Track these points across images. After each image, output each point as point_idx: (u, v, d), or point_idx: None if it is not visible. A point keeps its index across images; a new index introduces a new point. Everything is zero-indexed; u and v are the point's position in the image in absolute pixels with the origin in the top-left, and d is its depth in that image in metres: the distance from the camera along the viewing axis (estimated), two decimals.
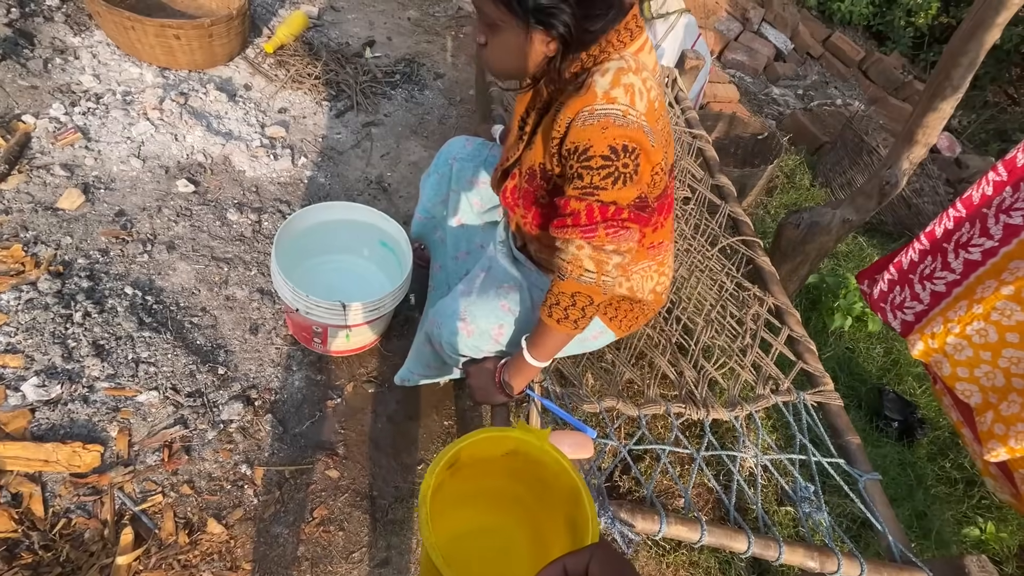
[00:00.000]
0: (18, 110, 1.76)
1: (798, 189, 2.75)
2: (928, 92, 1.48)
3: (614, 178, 0.86)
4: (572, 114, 0.86)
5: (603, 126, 0.84)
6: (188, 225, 1.68)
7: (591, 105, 0.84)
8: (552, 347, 0.99)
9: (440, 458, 0.59)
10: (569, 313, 0.93)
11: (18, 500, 1.13)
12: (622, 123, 0.84)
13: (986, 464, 1.22)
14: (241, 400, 1.39)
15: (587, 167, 0.86)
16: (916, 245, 1.25)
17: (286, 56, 2.36)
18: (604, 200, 0.88)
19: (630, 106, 0.84)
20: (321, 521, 1.29)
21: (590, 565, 0.39)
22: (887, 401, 1.82)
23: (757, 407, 1.23)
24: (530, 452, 0.63)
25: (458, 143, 1.41)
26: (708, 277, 1.53)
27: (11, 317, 1.33)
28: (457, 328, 1.08)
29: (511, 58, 0.88)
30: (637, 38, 0.89)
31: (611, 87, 0.84)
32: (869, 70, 4.43)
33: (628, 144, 0.85)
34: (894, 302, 1.27)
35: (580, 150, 0.86)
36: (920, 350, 1.18)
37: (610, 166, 0.85)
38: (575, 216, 0.89)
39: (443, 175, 1.42)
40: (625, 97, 0.84)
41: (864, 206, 1.69)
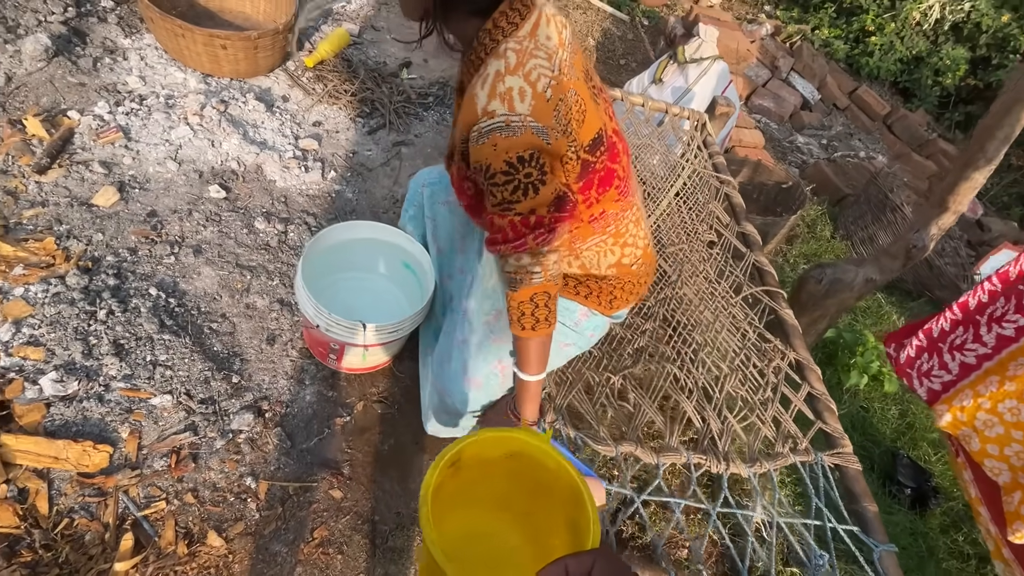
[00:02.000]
0: (64, 105, 1.81)
1: (818, 240, 2.75)
2: (962, 161, 1.49)
3: (523, 189, 0.84)
4: (465, 133, 0.85)
5: (493, 143, 0.82)
6: (216, 230, 1.71)
7: (477, 124, 0.82)
8: (539, 356, 0.96)
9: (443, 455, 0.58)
10: (537, 315, 0.92)
11: (24, 496, 1.12)
12: (508, 134, 0.81)
13: (998, 547, 1.18)
14: (252, 411, 1.39)
15: (494, 184, 0.85)
16: (948, 314, 1.24)
17: (325, 71, 2.41)
18: (522, 212, 0.86)
19: (510, 112, 0.81)
20: (321, 542, 1.27)
21: (593, 570, 0.38)
22: (901, 466, 1.78)
23: (775, 465, 1.21)
24: (532, 454, 0.62)
25: (426, 171, 1.44)
26: (732, 324, 1.52)
27: (37, 309, 1.34)
28: (465, 388, 1.08)
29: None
30: (529, 15, 0.84)
31: (487, 100, 0.81)
32: (894, 125, 4.46)
33: (523, 153, 0.82)
34: (921, 369, 1.25)
35: (482, 168, 0.85)
36: (948, 422, 1.16)
37: (513, 180, 0.84)
38: (502, 233, 0.88)
39: (418, 205, 1.44)
40: (503, 106, 0.81)
41: (889, 267, 1.68)
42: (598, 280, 1.07)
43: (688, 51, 2.45)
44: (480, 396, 1.09)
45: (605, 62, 3.48)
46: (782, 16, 4.93)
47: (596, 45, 3.51)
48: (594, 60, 3.44)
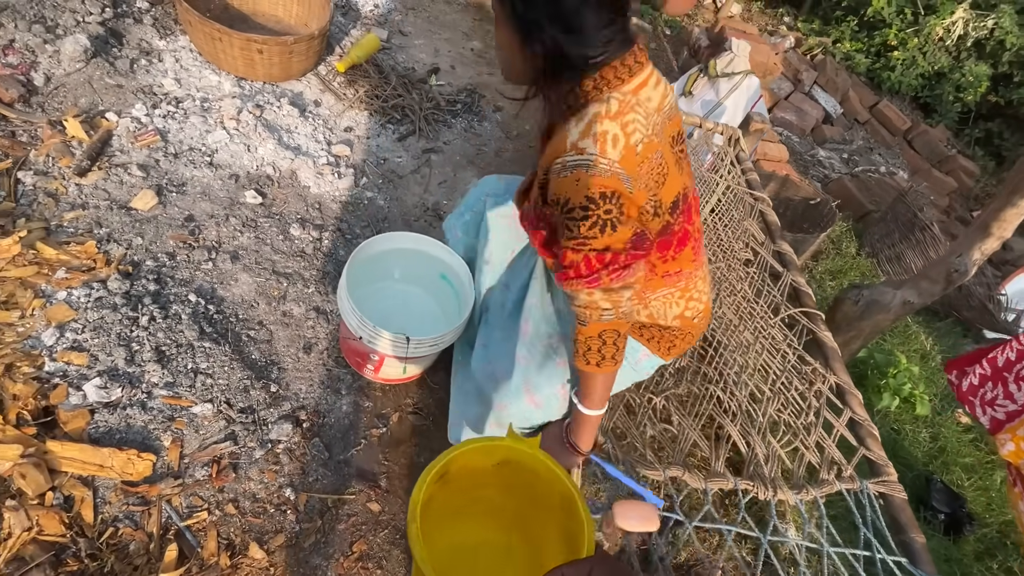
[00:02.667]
0: (102, 107, 1.81)
1: (843, 256, 2.73)
2: (1008, 187, 1.47)
3: (600, 226, 0.85)
4: (548, 164, 0.86)
5: (576, 178, 0.83)
6: (253, 236, 1.70)
7: (562, 156, 0.84)
8: (602, 391, 0.98)
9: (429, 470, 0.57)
10: (604, 352, 0.93)
11: (70, 504, 1.12)
12: (594, 172, 0.82)
13: None
14: (290, 420, 1.38)
15: (572, 219, 0.86)
16: (1015, 344, 1.23)
17: (356, 76, 2.41)
18: (598, 248, 0.87)
19: (600, 155, 0.82)
20: (360, 556, 1.26)
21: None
22: (935, 491, 1.77)
23: (822, 492, 1.20)
24: (522, 460, 0.61)
25: (491, 180, 1.43)
26: (771, 345, 1.51)
27: (79, 314, 1.34)
28: (525, 404, 1.07)
29: (505, 55, 0.89)
30: (637, 74, 0.87)
31: (580, 137, 0.83)
32: (914, 140, 4.44)
33: (605, 191, 0.83)
34: (984, 397, 1.24)
35: (561, 203, 0.86)
36: (1011, 451, 1.15)
37: (592, 216, 0.85)
38: (575, 268, 0.89)
39: (477, 212, 1.43)
40: (594, 146, 0.82)
41: (928, 290, 1.67)
42: (662, 329, 1.10)
43: (720, 65, 2.44)
44: (538, 415, 1.08)
45: None
46: (803, 28, 4.92)
47: None
48: None
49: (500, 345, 1.23)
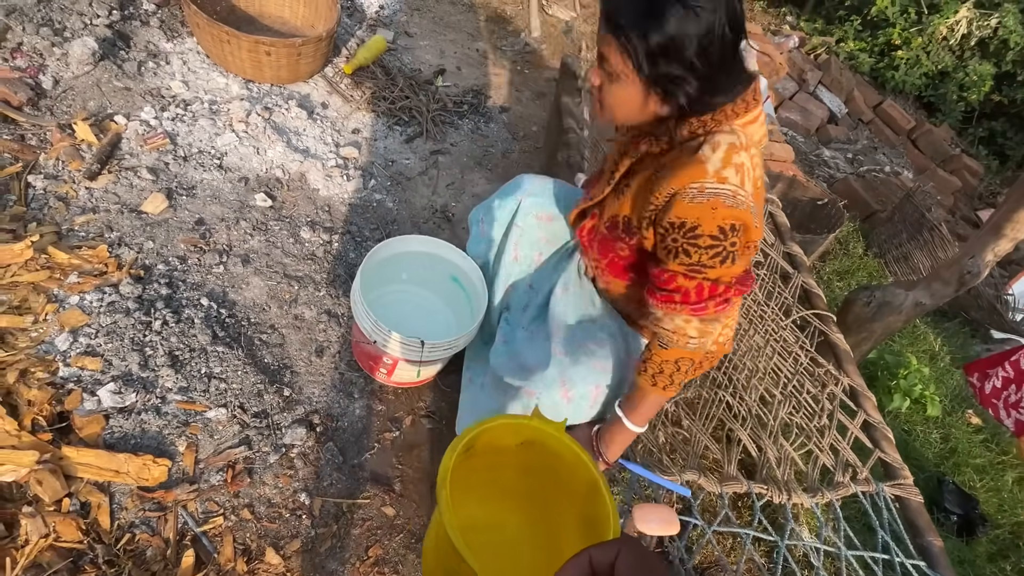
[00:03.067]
0: (111, 110, 1.80)
1: (851, 257, 2.73)
2: (1021, 188, 1.47)
3: (721, 257, 0.87)
4: (678, 186, 0.86)
5: (713, 206, 0.84)
6: (263, 240, 1.70)
7: (700, 182, 0.84)
8: (652, 411, 1.00)
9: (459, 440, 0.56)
10: (675, 378, 0.95)
11: (86, 510, 1.12)
12: (732, 203, 0.84)
13: None
14: (304, 425, 1.38)
15: (694, 245, 0.87)
16: None
17: (363, 77, 2.41)
18: (711, 278, 0.89)
19: (739, 187, 0.85)
20: (376, 561, 1.26)
21: (617, 561, 0.36)
22: (947, 493, 1.77)
23: (838, 495, 1.19)
24: (547, 443, 0.60)
25: (528, 179, 1.42)
26: (783, 348, 1.51)
27: (92, 319, 1.34)
28: (558, 396, 1.06)
29: (624, 109, 0.90)
30: (752, 110, 0.89)
31: (723, 166, 0.84)
32: (918, 140, 4.44)
33: (736, 224, 0.86)
34: (1008, 400, 1.24)
35: (687, 227, 0.87)
36: None
37: (718, 246, 0.86)
38: (684, 294, 0.91)
39: (510, 210, 1.43)
40: (736, 177, 0.84)
41: (940, 292, 1.66)
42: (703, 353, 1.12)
43: None
44: (567, 410, 1.08)
45: None
46: (806, 28, 4.92)
47: None
48: None
49: (525, 344, 1.22)
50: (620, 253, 1.04)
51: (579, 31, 3.48)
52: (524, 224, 1.39)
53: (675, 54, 0.79)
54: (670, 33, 0.77)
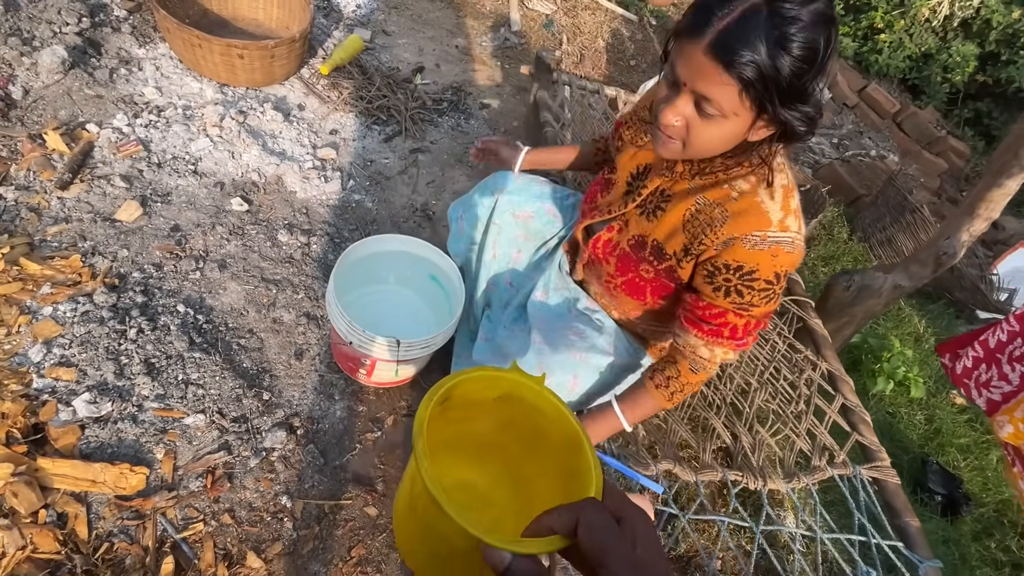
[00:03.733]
0: (82, 118, 1.79)
1: (835, 242, 2.74)
2: (994, 167, 1.47)
3: (769, 298, 0.90)
4: (739, 232, 0.87)
5: (773, 253, 0.86)
6: (240, 244, 1.69)
7: (763, 231, 0.85)
8: (649, 415, 1.02)
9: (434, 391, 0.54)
10: (687, 393, 1.00)
11: (63, 520, 1.11)
12: (790, 249, 0.86)
13: None
14: (284, 428, 1.38)
15: (749, 288, 0.89)
16: (1005, 326, 1.23)
17: (340, 78, 2.40)
18: (756, 316, 0.93)
19: (798, 233, 0.87)
20: (359, 561, 1.27)
21: (579, 528, 0.36)
22: (931, 473, 1.78)
23: (814, 479, 1.20)
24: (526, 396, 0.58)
25: (505, 176, 1.42)
26: (760, 335, 1.51)
27: (66, 329, 1.33)
28: None
29: (719, 144, 0.83)
30: None
31: (784, 215, 0.86)
32: (904, 123, 4.44)
33: (788, 269, 0.89)
34: (979, 379, 1.25)
35: (745, 270, 0.88)
36: (1010, 433, 1.16)
37: (770, 289, 0.89)
38: (732, 330, 0.94)
39: (487, 207, 1.42)
40: (795, 223, 0.87)
41: (918, 274, 1.67)
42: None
43: None
44: None
45: (616, 63, 3.46)
46: None
47: (606, 46, 3.48)
48: (604, 61, 3.42)
49: (507, 340, 1.23)
50: (643, 275, 1.03)
51: (560, 24, 3.47)
52: (501, 222, 1.39)
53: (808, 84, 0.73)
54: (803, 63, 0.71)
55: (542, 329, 1.18)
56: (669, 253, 0.97)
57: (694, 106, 0.78)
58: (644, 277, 1.03)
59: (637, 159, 1.04)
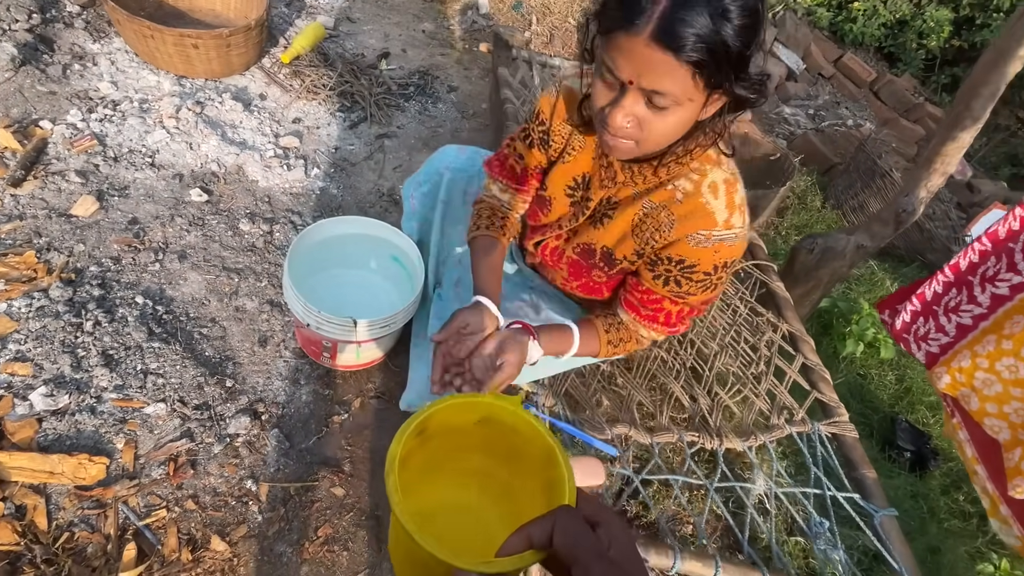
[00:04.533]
0: (36, 115, 1.77)
1: (809, 210, 2.74)
2: (948, 121, 1.47)
3: (706, 287, 0.92)
4: (683, 233, 0.88)
5: (716, 249, 0.87)
6: (200, 235, 1.68)
7: (709, 231, 0.86)
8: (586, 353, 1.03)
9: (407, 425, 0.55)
10: (619, 352, 1.04)
11: (22, 512, 1.11)
12: (732, 243, 0.87)
13: (995, 505, 1.19)
14: (248, 414, 1.38)
15: (688, 279, 0.91)
16: (940, 277, 1.23)
17: (301, 66, 2.37)
18: (691, 304, 0.95)
19: (743, 227, 0.88)
20: (325, 540, 1.27)
21: (553, 535, 0.36)
22: (900, 431, 1.80)
23: (771, 437, 1.21)
24: (503, 418, 0.60)
25: (451, 152, 1.40)
26: (722, 301, 1.52)
27: (21, 324, 1.32)
28: None
29: (675, 133, 0.78)
30: None
31: (729, 214, 0.86)
32: (880, 91, 4.43)
33: (729, 260, 0.89)
34: (918, 333, 1.25)
35: (685, 264, 0.89)
36: (947, 383, 1.17)
37: (708, 280, 0.91)
38: (667, 316, 0.96)
39: (435, 184, 1.41)
40: (740, 220, 0.87)
41: (880, 233, 1.67)
42: None
43: None
44: None
45: None
46: None
47: (577, 26, 3.45)
48: (575, 41, 3.39)
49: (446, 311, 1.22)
50: (596, 279, 1.05)
51: (529, 5, 3.43)
52: (451, 199, 1.38)
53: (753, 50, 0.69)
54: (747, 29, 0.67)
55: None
56: (619, 258, 0.98)
57: (644, 102, 0.73)
58: (597, 281, 1.05)
59: (571, 172, 1.00)
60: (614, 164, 0.91)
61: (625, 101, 0.73)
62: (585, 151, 0.98)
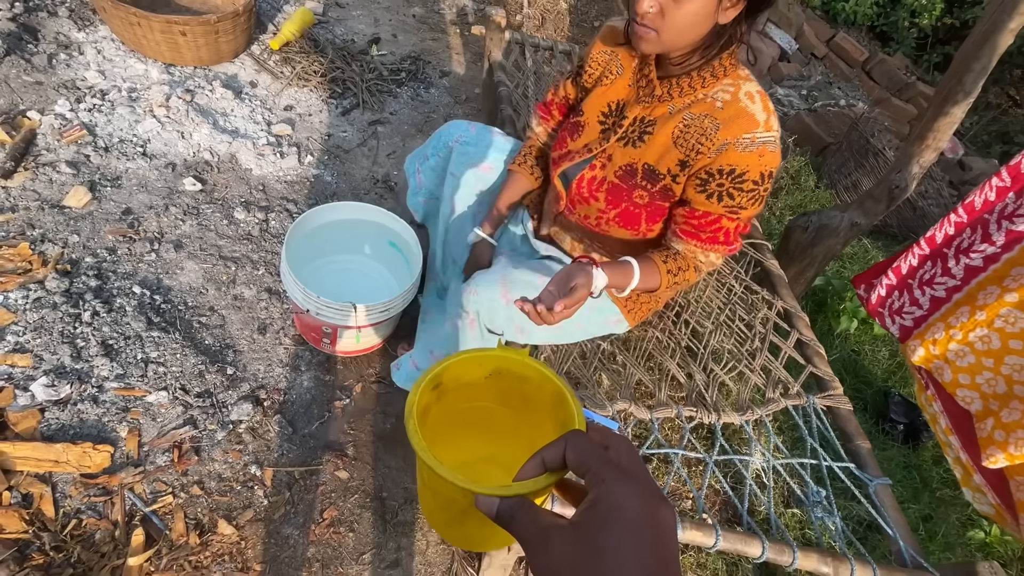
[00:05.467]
0: (23, 106, 1.74)
1: (803, 190, 2.75)
2: (939, 96, 1.48)
3: (755, 200, 0.96)
4: (731, 137, 0.92)
5: (760, 153, 0.91)
6: (195, 224, 1.67)
7: (752, 132, 0.91)
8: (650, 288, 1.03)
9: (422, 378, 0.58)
10: (680, 286, 1.06)
11: (28, 501, 1.12)
12: (774, 149, 0.92)
13: (968, 475, 1.21)
14: (250, 400, 1.39)
15: (739, 189, 0.94)
16: (916, 250, 1.25)
17: (291, 53, 2.34)
18: (743, 218, 0.99)
19: (778, 131, 0.92)
20: (331, 522, 1.29)
21: (566, 453, 0.38)
22: (893, 404, 1.83)
23: (767, 411, 1.23)
24: (513, 368, 0.62)
25: (460, 126, 1.39)
26: (716, 280, 1.53)
27: (19, 316, 1.32)
28: (496, 294, 1.07)
29: (693, 25, 0.87)
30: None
31: (768, 116, 0.92)
32: (873, 71, 4.43)
33: (773, 170, 0.94)
34: (892, 307, 1.27)
35: (737, 173, 0.93)
36: (921, 356, 1.18)
37: (757, 190, 0.94)
38: (726, 234, 1.00)
39: (443, 157, 1.40)
40: (776, 123, 0.92)
41: (873, 210, 1.69)
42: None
43: None
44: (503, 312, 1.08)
45: (579, 25, 3.40)
46: None
47: (568, 8, 3.42)
48: (567, 23, 3.36)
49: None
50: (637, 202, 1.05)
51: None
52: (459, 174, 1.36)
53: None
54: None
55: (508, 254, 1.23)
56: (663, 172, 1.00)
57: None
58: (638, 204, 1.05)
59: (606, 97, 1.07)
60: (653, 80, 0.99)
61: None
62: (623, 77, 1.05)
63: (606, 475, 0.33)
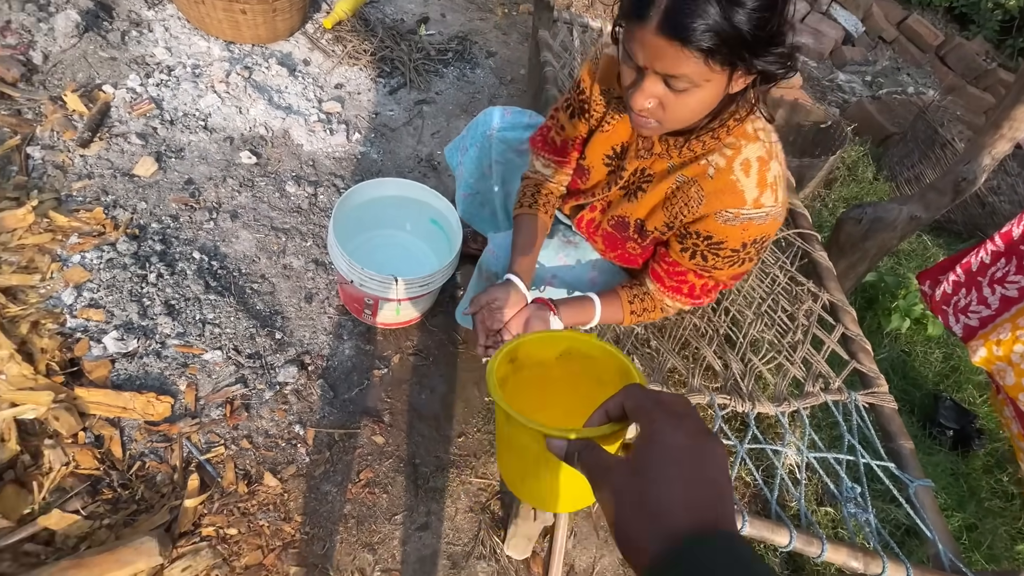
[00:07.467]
0: (99, 80, 1.87)
1: (859, 182, 2.62)
2: (1020, 82, 1.38)
3: (733, 262, 0.92)
4: (711, 210, 0.87)
5: (744, 228, 0.86)
6: (250, 195, 1.76)
7: (736, 209, 0.85)
8: (610, 322, 1.06)
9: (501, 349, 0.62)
10: (643, 320, 1.07)
11: (100, 442, 1.23)
12: (762, 222, 0.86)
13: None
14: (296, 364, 1.47)
15: (715, 254, 0.91)
16: (989, 246, 1.18)
17: (343, 32, 2.40)
18: (718, 278, 0.95)
19: (775, 205, 0.86)
20: (367, 483, 1.36)
21: (624, 402, 0.42)
22: (943, 408, 1.74)
23: (805, 403, 1.20)
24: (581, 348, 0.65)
25: (496, 113, 1.39)
26: (760, 269, 1.49)
27: (94, 275, 1.44)
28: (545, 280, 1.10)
29: (700, 111, 0.78)
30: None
31: (760, 192, 0.84)
32: (947, 56, 4.12)
33: (758, 238, 0.88)
34: (958, 305, 1.21)
35: (713, 240, 0.89)
36: (983, 357, 1.13)
37: (735, 256, 0.91)
38: (691, 288, 0.98)
39: (483, 148, 1.40)
40: (771, 198, 0.85)
41: (935, 203, 1.60)
42: None
43: None
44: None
45: None
46: None
47: None
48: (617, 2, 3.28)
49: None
50: (631, 251, 1.05)
51: None
52: (504, 160, 1.37)
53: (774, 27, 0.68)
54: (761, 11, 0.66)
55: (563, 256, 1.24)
56: (650, 230, 0.98)
57: (663, 84, 0.74)
58: (632, 253, 1.05)
59: (610, 141, 0.99)
60: (652, 137, 0.91)
61: (645, 84, 0.75)
62: (624, 120, 0.97)
63: (657, 416, 0.37)
